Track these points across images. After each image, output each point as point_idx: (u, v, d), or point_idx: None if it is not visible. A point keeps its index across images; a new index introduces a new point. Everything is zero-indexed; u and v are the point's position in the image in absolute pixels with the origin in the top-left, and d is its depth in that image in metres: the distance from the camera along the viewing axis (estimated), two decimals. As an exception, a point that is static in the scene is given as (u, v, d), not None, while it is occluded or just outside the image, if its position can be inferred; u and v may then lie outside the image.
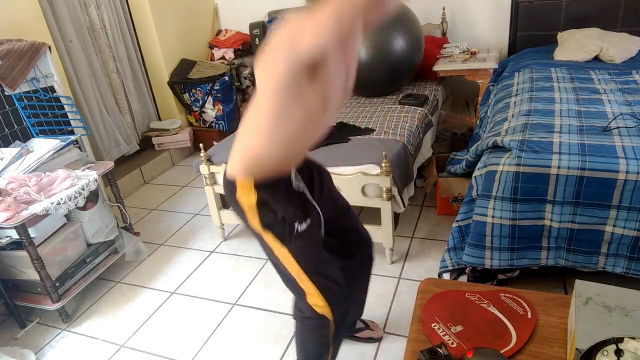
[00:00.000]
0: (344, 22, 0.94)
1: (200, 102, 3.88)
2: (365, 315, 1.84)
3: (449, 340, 1.06)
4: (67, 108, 2.52)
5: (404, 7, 2.94)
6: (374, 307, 1.97)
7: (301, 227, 1.24)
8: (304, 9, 0.98)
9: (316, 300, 1.28)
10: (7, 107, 2.31)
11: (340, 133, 2.43)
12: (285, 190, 1.24)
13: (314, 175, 1.37)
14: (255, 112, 1.15)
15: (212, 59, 4.21)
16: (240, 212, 1.25)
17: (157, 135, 3.82)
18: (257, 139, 1.16)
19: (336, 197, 1.50)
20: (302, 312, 1.33)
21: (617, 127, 1.84)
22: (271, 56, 1.01)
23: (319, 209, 1.33)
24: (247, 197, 1.20)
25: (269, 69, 1.04)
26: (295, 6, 1.05)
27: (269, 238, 1.25)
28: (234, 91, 4.01)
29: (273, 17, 3.97)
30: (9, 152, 2.14)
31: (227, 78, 3.84)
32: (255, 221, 1.23)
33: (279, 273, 1.33)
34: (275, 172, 1.21)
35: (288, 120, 1.10)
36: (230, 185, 1.24)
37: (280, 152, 1.17)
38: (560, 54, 2.94)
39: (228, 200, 1.28)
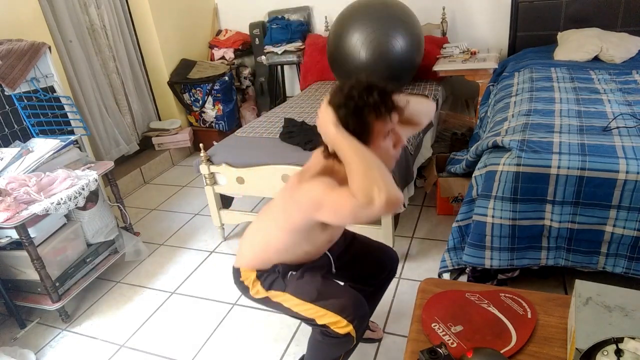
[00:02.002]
0: (362, 218, 1.11)
1: (200, 102, 3.88)
2: (365, 316, 1.84)
3: (449, 340, 1.06)
4: (67, 108, 2.52)
5: (402, 6, 2.95)
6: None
7: (295, 272, 1.37)
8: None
9: (340, 325, 1.29)
10: (7, 107, 2.31)
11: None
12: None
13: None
14: (272, 223, 1.37)
15: (212, 59, 4.21)
16: (245, 289, 1.43)
17: (157, 135, 3.82)
18: (266, 245, 1.39)
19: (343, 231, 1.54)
20: (329, 333, 1.32)
21: (617, 127, 1.84)
22: (293, 203, 1.25)
23: (328, 252, 1.46)
24: (248, 276, 1.42)
25: (290, 210, 1.28)
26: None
27: (274, 295, 1.38)
28: (234, 91, 4.01)
29: (273, 17, 3.98)
30: (9, 152, 2.14)
31: (227, 78, 3.85)
32: (259, 289, 1.40)
33: (301, 320, 1.41)
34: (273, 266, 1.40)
35: (297, 248, 1.36)
36: (235, 272, 1.46)
37: (283, 259, 1.38)
38: (560, 54, 2.94)
39: (235, 283, 1.48)
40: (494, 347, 1.01)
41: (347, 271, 1.56)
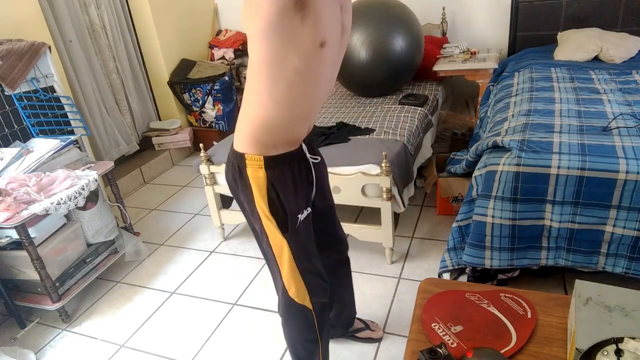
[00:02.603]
0: None
1: (200, 102, 3.88)
2: (365, 315, 1.84)
3: (449, 340, 1.06)
4: (67, 108, 2.52)
5: (402, 6, 2.95)
6: (374, 307, 1.97)
7: (302, 216, 1.23)
8: None
9: (296, 291, 1.29)
10: (7, 107, 2.31)
11: (340, 133, 2.43)
12: (293, 172, 1.21)
13: (318, 165, 1.36)
14: (251, 73, 1.08)
15: (212, 59, 4.21)
16: (247, 191, 1.18)
17: (157, 135, 3.82)
18: (260, 100, 1.10)
19: (327, 191, 1.47)
20: (284, 303, 1.33)
21: (617, 127, 1.84)
22: None
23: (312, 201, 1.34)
24: (258, 175, 1.16)
25: (253, 12, 0.98)
26: None
27: (270, 225, 1.21)
28: (234, 91, 4.01)
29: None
30: (9, 152, 2.14)
31: (227, 78, 3.85)
32: (262, 203, 1.18)
33: (266, 259, 1.34)
34: (285, 138, 1.16)
35: (285, 67, 1.03)
36: (237, 159, 1.19)
37: (286, 111, 1.11)
38: (560, 54, 2.94)
39: (231, 176, 1.22)
40: (494, 347, 1.01)
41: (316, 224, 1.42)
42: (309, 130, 1.29)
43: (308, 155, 1.27)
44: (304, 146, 1.26)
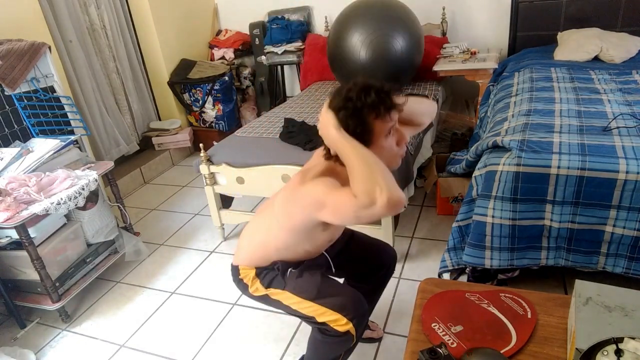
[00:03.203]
0: (363, 219, 1.11)
1: (200, 102, 3.88)
2: (365, 315, 1.84)
3: (449, 340, 1.06)
4: (67, 108, 2.52)
5: (402, 6, 2.95)
6: (375, 307, 1.97)
7: (295, 270, 1.37)
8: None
9: (340, 322, 1.29)
10: (7, 107, 2.31)
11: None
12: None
13: None
14: (273, 220, 1.36)
15: (212, 59, 4.21)
16: (244, 287, 1.44)
17: (157, 135, 3.82)
18: (266, 243, 1.39)
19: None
20: (329, 331, 1.33)
21: (617, 127, 1.84)
22: (295, 202, 1.25)
23: (325, 252, 1.45)
24: (248, 274, 1.42)
25: (291, 213, 1.28)
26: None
27: (274, 293, 1.39)
28: (234, 91, 4.01)
29: (273, 17, 3.98)
30: (9, 152, 2.14)
31: (227, 78, 3.85)
32: (258, 286, 1.40)
33: (301, 319, 1.41)
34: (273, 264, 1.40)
35: (297, 247, 1.35)
36: (234, 270, 1.46)
37: (283, 256, 1.37)
38: (560, 54, 2.94)
39: (234, 281, 1.48)
40: (494, 347, 1.01)
41: (346, 269, 1.56)
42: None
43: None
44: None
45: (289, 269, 1.37)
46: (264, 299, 1.42)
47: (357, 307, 1.32)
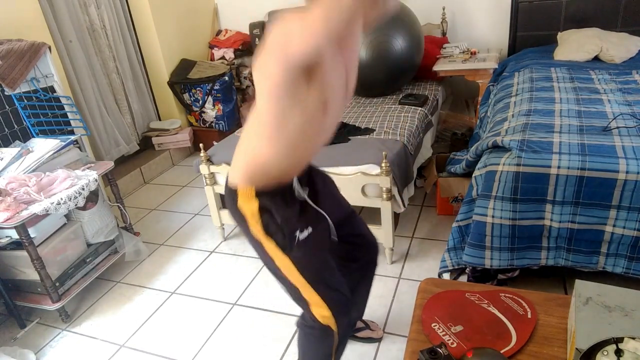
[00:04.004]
0: (334, 24, 0.91)
1: (200, 102, 3.88)
2: (365, 315, 1.84)
3: (449, 340, 1.06)
4: (67, 108, 2.52)
5: (403, 7, 2.94)
6: (374, 307, 1.97)
7: (302, 235, 1.23)
8: (300, 8, 0.96)
9: (321, 310, 1.27)
10: (7, 107, 2.31)
11: (340, 133, 2.43)
12: (286, 198, 1.22)
13: (317, 181, 1.35)
14: (255, 118, 1.14)
15: (212, 59, 4.21)
16: (241, 220, 1.24)
17: (157, 135, 3.82)
18: (259, 145, 1.15)
19: (341, 201, 1.50)
20: (306, 321, 1.31)
21: (617, 127, 1.84)
22: (265, 59, 1.00)
23: (326, 215, 1.31)
24: (249, 205, 1.20)
25: (265, 72, 1.02)
26: (295, 5, 1.04)
27: (271, 247, 1.23)
28: (234, 91, 4.01)
29: (272, 16, 3.98)
30: (9, 152, 2.14)
31: (227, 78, 3.85)
32: (257, 228, 1.22)
33: (281, 283, 1.31)
34: (278, 179, 1.19)
35: (288, 124, 1.08)
36: (231, 193, 1.23)
37: (283, 159, 1.15)
38: (560, 54, 2.94)
39: (229, 208, 1.27)
40: (494, 347, 1.01)
41: (341, 241, 1.47)
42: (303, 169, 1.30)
43: (297, 191, 1.26)
44: (295, 180, 1.25)
45: (296, 231, 1.23)
46: (256, 245, 1.26)
47: (346, 311, 1.30)
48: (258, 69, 1.04)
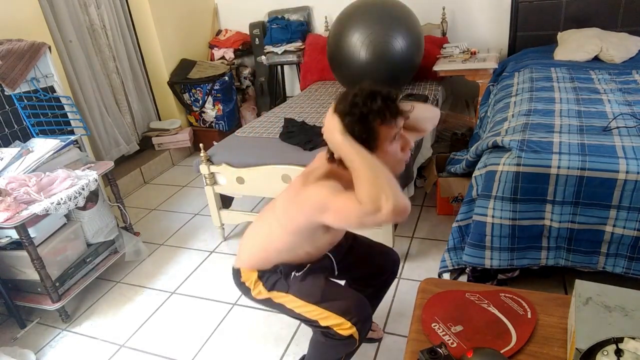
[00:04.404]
0: (366, 224, 1.11)
1: (200, 102, 3.88)
2: (365, 315, 1.84)
3: (449, 340, 1.06)
4: (67, 108, 2.52)
5: (403, 6, 2.95)
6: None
7: (299, 273, 1.36)
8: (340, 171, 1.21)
9: (343, 326, 1.28)
10: (7, 107, 2.31)
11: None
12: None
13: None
14: (275, 222, 1.35)
15: (212, 59, 4.21)
16: (247, 291, 1.42)
17: (157, 135, 3.82)
18: (267, 245, 1.38)
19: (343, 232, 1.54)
20: (332, 335, 1.32)
21: (617, 127, 1.84)
22: (297, 205, 1.24)
23: (330, 254, 1.44)
24: (250, 277, 1.40)
25: (293, 214, 1.27)
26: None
27: (277, 296, 1.37)
28: (234, 91, 4.01)
29: (273, 17, 3.98)
30: (9, 152, 2.14)
31: (227, 78, 3.85)
32: (260, 289, 1.39)
33: (304, 323, 1.40)
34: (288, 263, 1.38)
35: (298, 249, 1.35)
36: (236, 272, 1.45)
37: (284, 259, 1.36)
38: (560, 54, 2.94)
39: (235, 282, 1.47)
40: (494, 347, 1.01)
41: (348, 272, 1.56)
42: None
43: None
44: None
45: (293, 272, 1.36)
46: (267, 302, 1.41)
47: (360, 311, 1.31)
48: (286, 208, 1.29)
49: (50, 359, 1.95)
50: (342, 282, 1.56)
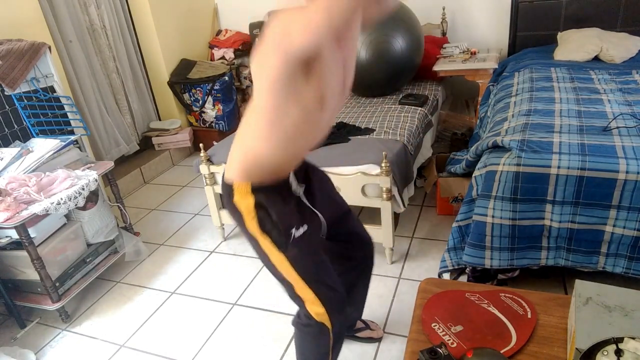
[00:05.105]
0: (335, 19, 0.91)
1: (200, 102, 3.88)
2: (365, 315, 1.84)
3: (449, 340, 1.06)
4: (67, 108, 2.52)
5: (403, 7, 2.94)
6: (374, 307, 1.97)
7: (297, 233, 1.23)
8: (300, 5, 0.96)
9: (315, 308, 1.27)
10: (7, 107, 2.31)
11: (340, 133, 2.43)
12: (283, 194, 1.23)
13: (313, 179, 1.35)
14: (252, 112, 1.14)
15: (212, 59, 4.21)
16: (237, 216, 1.24)
17: (157, 135, 3.82)
18: (255, 140, 1.16)
19: (336, 200, 1.50)
20: (301, 319, 1.32)
21: (617, 127, 1.84)
22: (264, 52, 0.99)
23: (319, 213, 1.33)
24: (245, 201, 1.20)
25: (263, 65, 1.02)
26: (295, 3, 1.04)
27: (266, 243, 1.24)
28: (234, 91, 4.01)
29: (271, 12, 3.97)
30: (9, 152, 2.14)
31: (227, 78, 3.84)
32: (253, 225, 1.22)
33: (276, 279, 1.31)
34: (273, 175, 1.20)
35: (285, 119, 1.08)
36: (227, 189, 1.24)
37: (279, 153, 1.16)
38: (560, 54, 2.94)
39: (225, 204, 1.27)
40: (494, 347, 1.01)
41: (335, 240, 1.50)
42: (299, 164, 1.30)
43: (294, 187, 1.27)
44: (291, 176, 1.26)
45: (292, 229, 1.24)
46: (252, 241, 1.26)
47: (341, 308, 1.31)
48: (257, 63, 1.03)
49: (50, 359, 1.95)
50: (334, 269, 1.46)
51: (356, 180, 2.09)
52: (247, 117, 1.17)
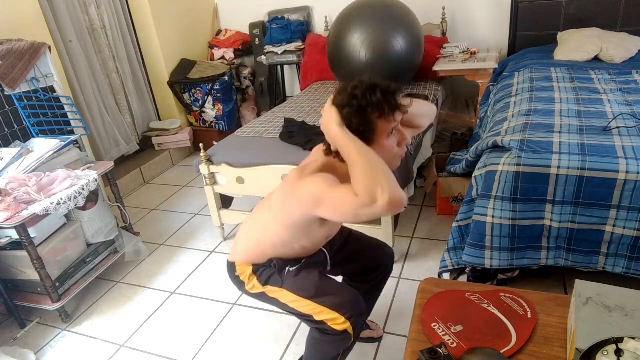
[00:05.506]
0: (363, 217, 1.09)
1: (200, 102, 3.88)
2: (365, 316, 1.85)
3: (449, 340, 1.06)
4: (67, 108, 2.52)
5: (402, 6, 2.94)
6: (374, 307, 1.97)
7: (292, 268, 1.36)
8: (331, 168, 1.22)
9: (337, 321, 1.29)
10: (7, 107, 2.31)
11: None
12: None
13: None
14: (270, 215, 1.34)
15: (212, 59, 4.21)
16: (241, 284, 1.43)
17: (157, 135, 3.82)
18: (262, 245, 1.37)
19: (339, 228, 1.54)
20: (326, 330, 1.33)
21: (617, 127, 1.84)
22: (295, 197, 1.21)
23: (324, 249, 1.45)
24: (244, 271, 1.41)
25: (288, 210, 1.25)
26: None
27: (271, 291, 1.38)
28: (234, 91, 4.01)
29: (273, 17, 3.98)
30: (9, 152, 2.14)
31: (227, 78, 3.85)
32: (254, 284, 1.39)
33: (297, 317, 1.40)
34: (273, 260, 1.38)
35: (294, 243, 1.34)
36: (231, 266, 1.45)
37: (282, 252, 1.36)
38: (560, 54, 2.94)
39: (229, 277, 1.46)
40: (494, 347, 1.01)
41: (343, 268, 1.56)
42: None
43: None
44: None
45: (287, 267, 1.36)
46: (261, 297, 1.41)
47: (354, 306, 1.31)
48: (281, 202, 1.28)
49: (50, 359, 1.95)
50: (339, 279, 1.56)
51: (356, 180, 2.09)
52: (263, 215, 1.38)
